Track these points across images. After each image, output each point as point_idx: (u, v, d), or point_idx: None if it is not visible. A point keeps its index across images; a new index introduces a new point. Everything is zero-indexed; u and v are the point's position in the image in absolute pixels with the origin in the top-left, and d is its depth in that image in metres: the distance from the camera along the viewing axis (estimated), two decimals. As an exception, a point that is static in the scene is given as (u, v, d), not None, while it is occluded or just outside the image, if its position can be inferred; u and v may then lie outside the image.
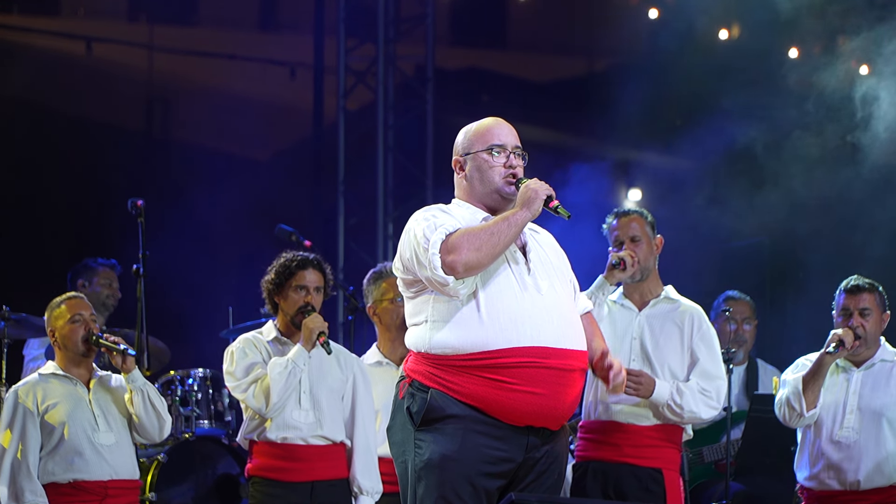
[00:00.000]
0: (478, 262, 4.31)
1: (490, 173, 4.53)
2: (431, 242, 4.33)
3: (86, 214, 9.92)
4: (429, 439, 4.36)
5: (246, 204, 10.39)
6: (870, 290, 6.17)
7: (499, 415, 4.35)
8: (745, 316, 7.80)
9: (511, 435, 4.37)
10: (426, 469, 4.35)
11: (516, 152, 4.56)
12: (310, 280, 6.11)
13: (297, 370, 5.94)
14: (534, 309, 4.38)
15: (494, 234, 4.33)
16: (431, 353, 4.41)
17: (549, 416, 4.39)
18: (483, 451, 4.35)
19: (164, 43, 11.37)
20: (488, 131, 4.57)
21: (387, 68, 11.25)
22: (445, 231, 4.35)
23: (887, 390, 6.13)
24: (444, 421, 4.36)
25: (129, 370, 5.94)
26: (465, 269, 4.31)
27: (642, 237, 5.89)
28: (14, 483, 5.79)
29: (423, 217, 4.45)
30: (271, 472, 6.02)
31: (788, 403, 6.08)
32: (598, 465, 5.75)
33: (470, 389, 4.34)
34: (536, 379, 4.33)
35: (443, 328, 4.38)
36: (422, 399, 4.39)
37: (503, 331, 4.34)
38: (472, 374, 4.34)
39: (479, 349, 4.34)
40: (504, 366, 4.32)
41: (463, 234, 4.34)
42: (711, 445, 7.44)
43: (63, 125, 10.35)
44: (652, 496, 5.67)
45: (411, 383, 4.44)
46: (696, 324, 5.82)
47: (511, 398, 4.32)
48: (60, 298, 6.05)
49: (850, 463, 6.06)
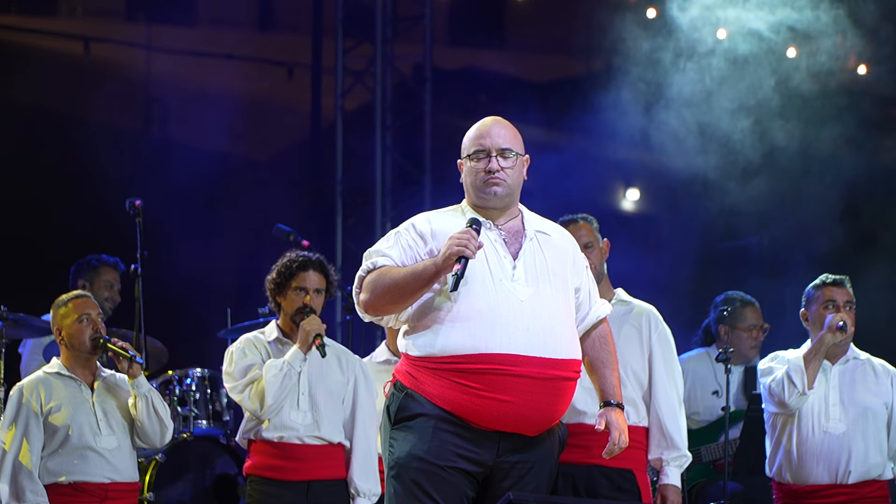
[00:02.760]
0: (379, 308, 4.48)
1: (472, 179, 4.55)
2: (358, 275, 4.52)
3: (84, 214, 9.90)
4: (400, 437, 4.41)
5: (244, 204, 10.39)
6: (849, 286, 6.31)
7: (467, 418, 4.37)
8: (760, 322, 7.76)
9: (481, 439, 4.39)
10: (397, 467, 4.39)
11: (501, 154, 4.54)
12: (310, 281, 6.10)
13: (292, 372, 5.94)
14: (508, 316, 4.37)
15: (397, 283, 4.42)
16: (411, 354, 4.47)
17: (521, 424, 4.40)
18: (452, 448, 4.36)
19: (163, 43, 11.36)
20: (474, 135, 4.59)
21: (385, 68, 11.25)
22: (367, 268, 4.49)
23: (867, 386, 6.26)
24: (414, 419, 4.40)
25: (135, 376, 5.94)
26: (368, 311, 4.51)
27: (593, 243, 5.90)
28: (15, 482, 5.79)
29: (387, 236, 4.58)
30: (268, 471, 6.03)
31: (790, 379, 6.13)
32: (567, 467, 5.75)
33: (440, 392, 4.38)
34: (503, 386, 4.33)
35: (420, 330, 4.44)
36: (398, 398, 4.45)
37: (471, 337, 4.35)
38: (443, 377, 4.38)
39: (448, 353, 4.37)
40: (471, 371, 4.34)
41: (376, 275, 4.47)
42: (709, 445, 7.45)
43: (61, 125, 10.34)
44: (627, 495, 5.70)
45: (395, 384, 4.50)
46: (653, 324, 5.84)
47: (478, 404, 4.35)
48: (67, 297, 6.04)
49: (839, 455, 6.14)
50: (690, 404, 7.33)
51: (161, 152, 10.56)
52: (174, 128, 11.58)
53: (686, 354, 7.62)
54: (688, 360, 7.55)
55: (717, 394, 7.62)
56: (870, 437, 6.19)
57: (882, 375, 6.31)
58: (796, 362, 6.17)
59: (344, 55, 11.31)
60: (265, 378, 5.92)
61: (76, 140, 10.12)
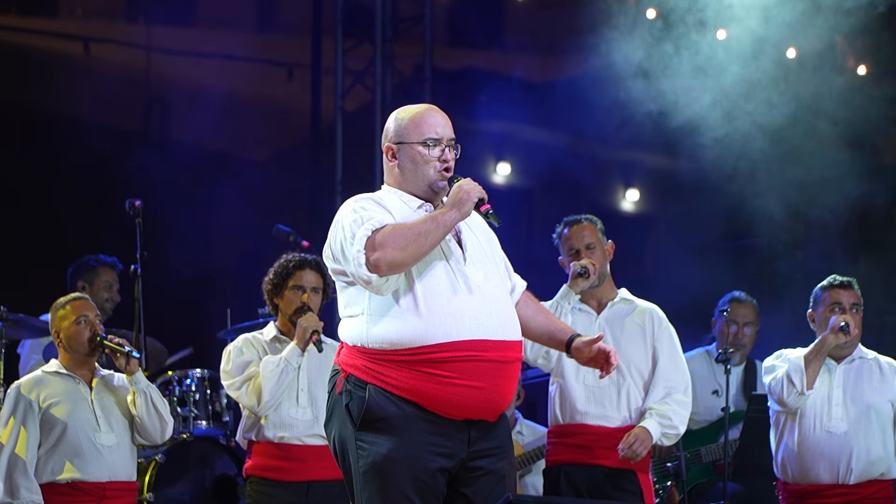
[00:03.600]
0: (402, 262, 4.26)
1: (425, 168, 4.47)
2: (357, 238, 4.28)
3: (84, 215, 9.91)
4: (370, 440, 4.32)
5: (244, 204, 10.39)
6: (856, 288, 6.33)
7: (438, 409, 4.32)
8: (747, 320, 7.78)
9: (451, 431, 4.34)
10: (371, 472, 4.31)
11: (451, 145, 4.50)
12: (307, 280, 6.14)
13: (289, 368, 5.98)
14: (472, 302, 4.33)
15: (422, 234, 4.27)
16: (369, 347, 4.35)
17: (488, 409, 4.37)
18: (426, 448, 4.31)
19: (162, 43, 11.36)
20: (424, 121, 4.53)
21: (385, 69, 11.25)
22: (372, 227, 4.30)
23: (871, 384, 6.26)
24: (384, 421, 4.31)
25: (132, 372, 5.96)
26: (389, 268, 4.26)
27: (596, 244, 5.95)
28: (10, 479, 5.79)
29: (353, 209, 4.40)
30: (268, 472, 6.05)
31: (789, 379, 6.15)
32: (570, 467, 5.78)
33: (409, 384, 4.30)
34: (475, 372, 4.30)
35: (380, 322, 4.34)
36: (360, 397, 4.34)
37: (442, 325, 4.29)
38: (411, 368, 4.30)
39: (417, 343, 4.29)
40: (443, 360, 4.28)
41: (389, 231, 4.28)
42: (709, 446, 7.45)
43: (61, 126, 10.34)
44: (629, 496, 5.71)
45: (347, 378, 4.39)
46: (657, 322, 5.90)
47: (450, 392, 4.29)
48: (65, 299, 6.06)
49: (840, 455, 6.15)
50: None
51: (161, 152, 10.55)
52: (174, 128, 11.57)
53: (686, 354, 7.61)
54: (687, 360, 7.54)
55: (717, 394, 7.63)
56: (872, 436, 6.18)
57: (888, 374, 6.29)
58: (797, 362, 6.18)
59: (344, 55, 11.31)
60: (262, 373, 5.96)
61: (76, 140, 10.12)
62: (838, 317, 6.17)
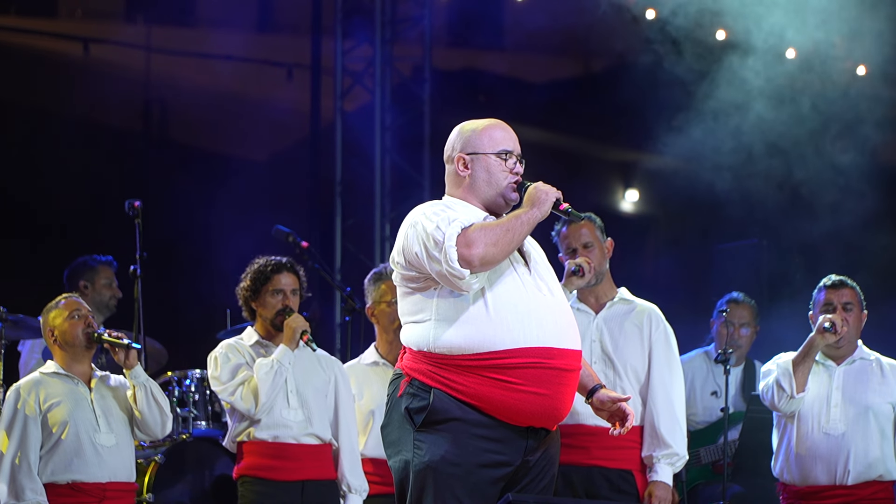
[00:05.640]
0: (493, 257, 4.32)
1: (499, 177, 4.53)
2: (447, 235, 4.32)
3: (83, 216, 9.91)
4: (429, 441, 4.36)
5: (243, 205, 10.39)
6: (851, 286, 6.31)
7: (502, 415, 4.35)
8: (743, 321, 7.78)
9: (511, 438, 4.38)
10: (426, 471, 4.35)
11: (520, 159, 4.58)
12: (285, 283, 6.21)
13: (282, 369, 6.02)
14: (539, 309, 4.39)
15: (509, 230, 4.36)
16: (435, 351, 4.39)
17: (550, 417, 4.42)
18: (483, 455, 4.35)
19: (162, 44, 11.36)
20: (498, 135, 4.58)
21: (384, 69, 11.25)
22: (461, 224, 4.35)
23: (870, 386, 6.24)
24: (445, 423, 4.35)
25: (131, 366, 5.96)
26: (482, 264, 4.31)
27: (594, 242, 5.94)
28: (14, 481, 5.79)
29: (433, 211, 4.45)
30: (262, 471, 6.07)
31: (778, 384, 6.15)
32: (566, 468, 5.77)
33: (475, 390, 4.34)
34: (541, 379, 4.34)
35: (449, 327, 4.38)
36: (423, 399, 4.38)
37: (510, 331, 4.34)
38: (478, 374, 4.34)
39: (486, 349, 4.34)
40: (510, 366, 4.33)
41: (479, 228, 4.34)
42: (708, 446, 7.45)
43: (60, 126, 10.35)
44: (626, 496, 5.71)
45: (411, 382, 4.42)
46: (655, 322, 5.88)
47: (516, 398, 4.33)
48: (55, 300, 6.07)
49: (838, 456, 6.14)
50: (689, 405, 7.32)
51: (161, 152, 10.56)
52: (174, 128, 11.58)
53: (685, 355, 7.62)
54: (687, 360, 7.56)
55: (716, 394, 7.63)
56: (870, 437, 6.16)
57: (889, 375, 6.27)
58: (785, 366, 6.17)
59: (343, 56, 11.31)
60: (257, 376, 5.99)
61: (75, 140, 10.12)
62: (823, 317, 6.16)
